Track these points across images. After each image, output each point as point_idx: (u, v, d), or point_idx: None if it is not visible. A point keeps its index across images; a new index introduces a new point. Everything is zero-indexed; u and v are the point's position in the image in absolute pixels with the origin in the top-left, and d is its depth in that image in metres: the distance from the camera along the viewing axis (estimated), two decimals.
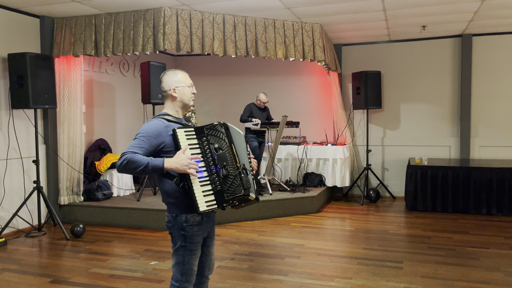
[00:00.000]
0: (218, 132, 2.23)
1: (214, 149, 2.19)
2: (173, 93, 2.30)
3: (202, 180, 2.15)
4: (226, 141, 2.23)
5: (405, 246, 4.40)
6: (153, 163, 2.09)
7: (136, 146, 2.13)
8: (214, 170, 2.17)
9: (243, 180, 2.18)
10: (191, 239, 2.26)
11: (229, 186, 2.16)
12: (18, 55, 4.72)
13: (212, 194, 2.15)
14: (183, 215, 2.23)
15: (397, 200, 6.95)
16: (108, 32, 5.22)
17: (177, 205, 2.24)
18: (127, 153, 2.10)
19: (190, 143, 2.18)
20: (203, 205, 2.11)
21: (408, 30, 6.36)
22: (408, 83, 7.10)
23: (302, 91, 7.68)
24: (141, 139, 2.15)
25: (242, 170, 2.21)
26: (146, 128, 2.19)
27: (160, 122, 2.22)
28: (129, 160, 2.07)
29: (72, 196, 5.63)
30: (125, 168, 2.08)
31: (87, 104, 6.24)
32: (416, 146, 7.07)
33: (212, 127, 2.23)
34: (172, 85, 2.31)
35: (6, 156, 4.95)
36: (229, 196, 2.15)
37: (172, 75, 2.33)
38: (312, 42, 5.77)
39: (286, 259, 4.04)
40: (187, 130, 2.20)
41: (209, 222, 2.35)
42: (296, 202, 5.88)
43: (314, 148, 6.81)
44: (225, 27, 5.29)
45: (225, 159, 2.18)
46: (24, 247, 4.54)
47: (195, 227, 2.25)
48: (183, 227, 2.24)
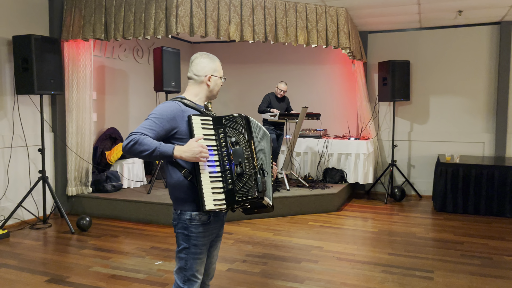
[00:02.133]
0: (237, 125, 2.00)
1: (230, 143, 1.95)
2: (208, 81, 2.08)
3: (213, 176, 1.92)
4: (245, 136, 1.99)
5: (435, 253, 3.99)
6: (162, 149, 1.87)
7: (147, 128, 1.91)
8: (228, 166, 1.94)
9: (259, 182, 1.92)
10: (195, 241, 2.00)
11: (242, 186, 1.92)
12: (23, 37, 4.47)
13: (223, 192, 1.92)
14: (187, 212, 1.99)
15: (423, 199, 6.49)
16: (118, 15, 4.91)
17: (183, 201, 2.00)
18: (135, 133, 1.88)
19: (205, 133, 1.95)
20: (211, 203, 1.88)
21: (442, 15, 5.85)
22: (439, 74, 6.59)
23: (325, 81, 7.25)
24: (153, 120, 1.93)
25: (259, 171, 1.95)
26: (160, 109, 1.96)
27: (177, 105, 1.99)
28: (137, 141, 1.85)
29: (80, 187, 5.39)
30: (131, 149, 1.87)
31: (98, 91, 5.98)
32: (446, 142, 6.58)
33: (231, 118, 2.01)
34: (209, 71, 2.09)
35: (11, 143, 4.73)
36: (240, 197, 1.90)
37: (211, 60, 2.10)
38: (336, 27, 5.34)
39: (302, 264, 3.68)
40: (204, 118, 1.98)
41: (218, 223, 2.08)
42: (315, 199, 5.51)
43: (336, 142, 6.40)
44: (242, 9, 4.91)
45: (241, 155, 1.94)
46: (26, 240, 4.32)
47: (201, 227, 2.00)
48: (187, 226, 2.00)
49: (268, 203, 2.01)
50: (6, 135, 4.69)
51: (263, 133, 2.13)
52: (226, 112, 7.94)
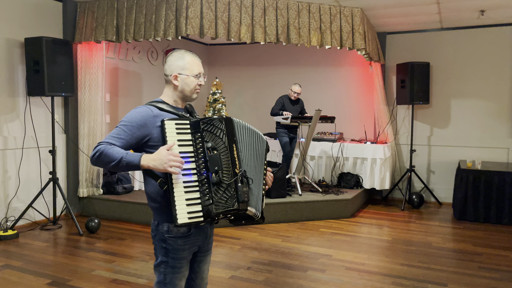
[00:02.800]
0: (215, 129, 1.83)
1: (207, 149, 1.78)
2: (174, 80, 1.90)
3: (189, 186, 1.74)
4: (224, 140, 1.83)
5: (450, 264, 3.78)
6: (129, 159, 1.73)
7: (115, 136, 1.79)
8: (205, 175, 1.76)
9: (239, 191, 1.77)
10: (174, 254, 1.86)
11: (220, 196, 1.76)
12: (34, 39, 4.50)
13: (199, 203, 1.74)
14: (165, 224, 1.84)
15: (443, 206, 6.23)
16: (129, 17, 4.90)
17: (159, 212, 1.86)
18: (102, 143, 1.77)
19: (181, 139, 1.77)
20: (184, 216, 1.69)
21: (464, 15, 5.61)
22: (461, 76, 6.32)
23: (341, 83, 7.08)
24: (122, 128, 1.80)
25: (241, 178, 1.80)
26: (130, 116, 1.83)
27: (148, 110, 1.84)
28: (102, 152, 1.74)
29: (91, 189, 5.40)
30: (98, 161, 1.76)
31: (112, 93, 5.99)
32: (467, 147, 6.30)
33: (209, 121, 1.83)
34: (174, 70, 1.90)
35: (23, 144, 4.77)
36: (218, 209, 1.74)
37: (178, 58, 1.92)
38: (351, 28, 5.18)
39: (309, 272, 3.55)
40: (180, 122, 1.79)
41: (200, 235, 1.92)
42: (327, 205, 5.35)
43: (352, 146, 6.22)
44: (253, 10, 4.82)
45: (218, 162, 1.78)
46: (34, 241, 4.34)
47: (179, 240, 1.85)
48: (164, 239, 1.86)
49: (254, 214, 1.85)
50: (18, 136, 4.73)
51: (254, 135, 1.95)
52: (241, 115, 7.91)
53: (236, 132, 1.90)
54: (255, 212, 1.87)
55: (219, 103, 7.00)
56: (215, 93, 6.99)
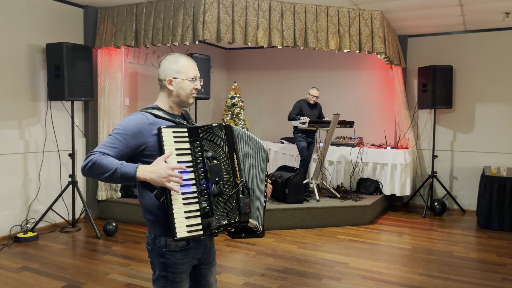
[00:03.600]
0: (215, 137, 1.74)
1: (207, 158, 1.69)
2: (169, 85, 1.82)
3: (188, 197, 1.65)
4: (225, 149, 1.75)
5: (472, 275, 3.64)
6: (124, 170, 1.61)
7: (109, 146, 1.67)
8: (205, 186, 1.67)
9: (241, 203, 1.69)
10: (173, 268, 1.77)
11: (221, 208, 1.67)
12: (55, 45, 4.59)
13: (199, 216, 1.65)
14: (162, 238, 1.75)
15: (467, 214, 6.04)
16: (148, 22, 4.95)
17: (156, 225, 1.76)
18: (94, 153, 1.64)
19: (179, 148, 1.68)
20: (183, 229, 1.60)
21: (488, 17, 5.44)
22: (485, 79, 6.13)
23: (361, 87, 6.97)
24: (115, 137, 1.69)
25: (243, 189, 1.72)
26: (124, 123, 1.72)
27: (144, 117, 1.74)
28: (94, 163, 1.61)
29: (110, 192, 5.47)
30: (90, 172, 1.64)
31: (131, 98, 6.06)
32: (492, 153, 6.09)
33: (208, 129, 1.74)
34: (169, 74, 1.82)
35: (43, 148, 4.86)
36: (219, 222, 1.66)
37: (172, 61, 1.83)
38: (370, 31, 5.09)
39: (324, 281, 3.48)
40: (178, 130, 1.70)
41: (199, 248, 1.83)
42: (345, 211, 5.26)
43: (371, 151, 6.10)
44: (271, 14, 4.79)
45: (219, 172, 1.69)
46: (53, 243, 4.40)
47: (178, 254, 1.76)
48: (162, 253, 1.76)
49: (255, 226, 1.76)
50: (39, 140, 4.83)
51: (254, 144, 1.86)
52: (259, 119, 7.89)
53: (236, 140, 1.81)
54: (256, 225, 1.78)
55: (238, 107, 6.99)
56: (233, 97, 6.99)
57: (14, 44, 4.55)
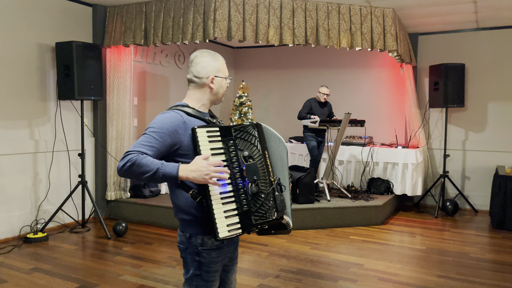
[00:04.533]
0: (249, 136, 1.74)
1: (242, 158, 1.69)
2: (211, 83, 1.80)
3: (225, 197, 1.66)
4: (259, 148, 1.74)
5: (490, 277, 3.57)
6: (165, 170, 1.59)
7: (146, 145, 1.63)
8: (241, 185, 1.67)
9: (277, 200, 1.68)
10: (207, 267, 1.78)
11: (259, 206, 1.66)
12: (65, 44, 4.55)
13: (237, 215, 1.66)
14: (199, 236, 1.75)
15: (479, 214, 5.96)
16: (157, 20, 4.90)
17: (192, 224, 1.76)
18: (132, 152, 1.60)
19: (213, 147, 1.68)
20: (224, 229, 1.62)
21: (501, 14, 5.35)
22: (499, 78, 6.04)
23: (370, 86, 6.90)
24: (152, 135, 1.65)
25: (277, 187, 1.71)
26: (160, 121, 1.69)
27: (178, 115, 1.72)
28: (134, 163, 1.58)
29: (119, 192, 5.43)
30: (128, 172, 1.59)
31: (140, 97, 6.02)
32: (506, 153, 6.01)
33: (242, 128, 1.74)
34: (211, 72, 1.80)
35: (53, 148, 4.83)
36: (257, 220, 1.66)
37: (213, 59, 1.81)
38: (382, 29, 5.02)
39: (340, 282, 3.42)
40: (211, 130, 1.70)
41: (231, 246, 1.87)
42: (357, 211, 5.19)
43: (382, 151, 6.03)
44: (282, 12, 4.73)
45: (256, 171, 1.68)
46: (63, 243, 4.37)
47: (213, 252, 1.77)
48: (198, 252, 1.76)
49: (287, 222, 1.78)
50: (48, 140, 4.79)
51: (279, 141, 1.87)
52: (267, 118, 7.83)
53: (267, 138, 1.81)
54: (288, 221, 1.80)
55: (245, 106, 6.93)
56: (241, 96, 6.93)
57: (23, 43, 4.52)
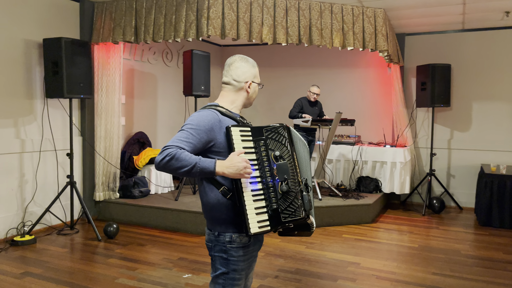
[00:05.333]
0: (280, 136, 1.79)
1: (273, 157, 1.74)
2: (248, 87, 1.89)
3: (255, 194, 1.71)
4: (289, 149, 1.78)
5: (484, 273, 3.66)
6: (203, 165, 1.65)
7: (184, 140, 1.68)
8: (271, 183, 1.72)
9: (305, 200, 1.72)
10: (235, 265, 1.80)
11: (289, 205, 1.70)
12: (53, 40, 4.41)
13: (266, 212, 1.70)
14: (227, 234, 1.78)
15: (464, 211, 6.10)
16: (148, 17, 4.80)
17: (222, 222, 1.78)
18: (171, 147, 1.64)
19: (245, 146, 1.74)
20: (255, 225, 1.66)
21: (488, 16, 5.48)
22: (483, 78, 6.19)
23: (358, 85, 6.96)
24: (190, 132, 1.70)
25: (304, 187, 1.74)
26: (197, 119, 1.75)
27: (214, 114, 1.78)
28: (173, 157, 1.62)
29: (107, 192, 5.31)
30: (167, 166, 1.63)
31: (127, 95, 5.90)
32: (489, 151, 6.17)
33: (273, 129, 1.80)
34: (249, 77, 1.89)
35: (40, 147, 4.68)
36: (286, 218, 1.69)
37: (252, 65, 1.91)
38: (374, 29, 5.06)
39: (339, 282, 3.43)
40: (243, 129, 1.77)
41: (256, 244, 1.89)
42: (348, 210, 5.23)
43: (371, 150, 6.10)
44: (275, 11, 4.71)
45: (287, 171, 1.72)
46: (53, 246, 4.24)
47: (241, 251, 1.80)
48: (226, 249, 1.79)
49: (311, 223, 1.81)
50: (35, 139, 4.64)
51: (303, 144, 1.94)
52: (254, 116, 7.79)
53: (294, 140, 1.86)
54: (313, 221, 1.83)
55: None
56: None
57: (9, 39, 4.35)
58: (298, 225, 1.80)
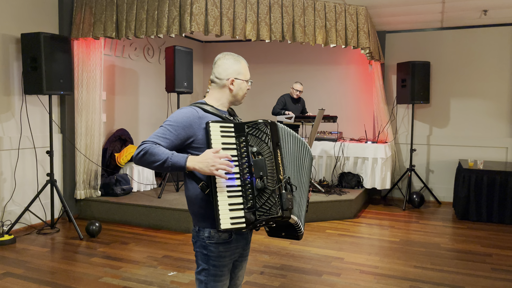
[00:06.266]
0: (260, 133, 1.76)
1: (252, 153, 1.72)
2: (231, 84, 1.88)
3: (232, 190, 1.70)
4: (269, 145, 1.75)
5: (463, 266, 3.76)
6: (174, 159, 1.69)
7: (160, 136, 1.74)
8: (249, 180, 1.71)
9: (283, 198, 1.69)
10: (215, 261, 1.81)
11: (264, 202, 1.68)
12: (32, 35, 4.30)
13: (242, 209, 1.69)
14: (206, 229, 1.80)
15: (443, 206, 6.25)
16: (130, 12, 4.73)
17: (201, 217, 1.81)
18: (147, 142, 1.72)
19: (225, 142, 1.74)
20: (227, 221, 1.65)
21: (466, 15, 5.61)
22: (461, 75, 6.34)
23: (339, 82, 7.03)
24: (167, 128, 1.76)
25: (286, 185, 1.72)
26: (175, 116, 1.80)
27: (194, 111, 1.81)
28: (147, 151, 1.70)
29: (89, 190, 5.22)
30: (142, 160, 1.72)
31: (108, 91, 5.80)
32: (467, 147, 6.33)
33: (255, 125, 1.77)
34: (232, 74, 1.89)
35: (18, 145, 4.56)
36: (261, 216, 1.68)
37: (235, 61, 1.90)
38: (356, 26, 5.12)
39: (324, 277, 3.47)
40: (224, 125, 1.77)
41: (240, 241, 1.87)
42: (331, 206, 5.29)
43: (352, 146, 6.17)
44: (259, 8, 4.71)
45: (263, 167, 1.70)
46: (33, 246, 4.15)
47: (221, 247, 1.80)
48: (205, 245, 1.81)
49: (296, 223, 1.77)
50: (13, 137, 4.53)
51: (300, 145, 1.90)
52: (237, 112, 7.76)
53: (281, 137, 1.84)
54: (297, 221, 1.79)
55: None
56: None
57: None
58: (282, 226, 1.80)
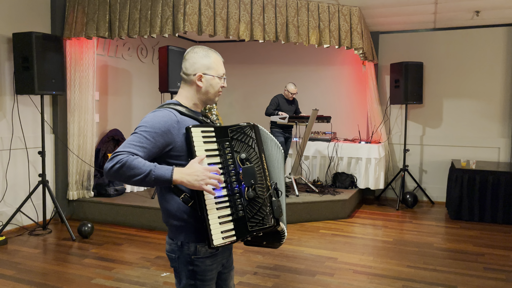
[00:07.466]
0: (246, 137, 1.63)
1: (239, 160, 1.59)
2: (198, 81, 1.69)
3: (219, 201, 1.56)
4: (256, 151, 1.63)
5: (456, 265, 3.77)
6: (158, 172, 1.48)
7: (136, 145, 1.51)
8: (237, 189, 1.58)
9: (274, 206, 1.58)
10: (202, 276, 1.66)
11: (256, 212, 1.56)
12: (23, 35, 4.26)
13: (232, 221, 1.56)
14: (192, 244, 1.63)
15: (436, 206, 6.27)
16: (123, 12, 4.71)
17: (184, 230, 1.64)
18: (122, 153, 1.48)
19: (208, 148, 1.59)
20: (219, 236, 1.52)
21: (458, 16, 5.64)
22: (454, 76, 6.37)
23: (333, 82, 7.04)
24: (143, 135, 1.53)
25: (274, 192, 1.61)
26: (152, 120, 1.57)
27: (171, 114, 1.61)
28: (124, 164, 1.45)
29: (82, 191, 5.19)
30: (118, 174, 1.46)
31: (101, 92, 5.77)
32: (459, 147, 6.36)
33: (239, 129, 1.64)
34: (199, 69, 1.69)
35: (10, 146, 4.52)
36: (254, 227, 1.56)
37: (203, 55, 1.70)
38: (349, 27, 5.13)
39: (317, 277, 3.47)
40: (206, 130, 1.60)
41: (225, 252, 1.77)
42: (325, 206, 5.30)
43: (346, 146, 6.18)
44: (252, 8, 4.71)
45: (254, 175, 1.58)
46: (25, 247, 4.11)
47: (208, 260, 1.66)
48: (191, 261, 1.65)
49: (282, 230, 1.66)
50: (5, 137, 4.49)
51: (274, 143, 1.77)
52: (231, 114, 7.79)
53: (263, 140, 1.72)
54: (283, 228, 1.68)
55: None
56: None
57: None
58: (268, 233, 1.67)
